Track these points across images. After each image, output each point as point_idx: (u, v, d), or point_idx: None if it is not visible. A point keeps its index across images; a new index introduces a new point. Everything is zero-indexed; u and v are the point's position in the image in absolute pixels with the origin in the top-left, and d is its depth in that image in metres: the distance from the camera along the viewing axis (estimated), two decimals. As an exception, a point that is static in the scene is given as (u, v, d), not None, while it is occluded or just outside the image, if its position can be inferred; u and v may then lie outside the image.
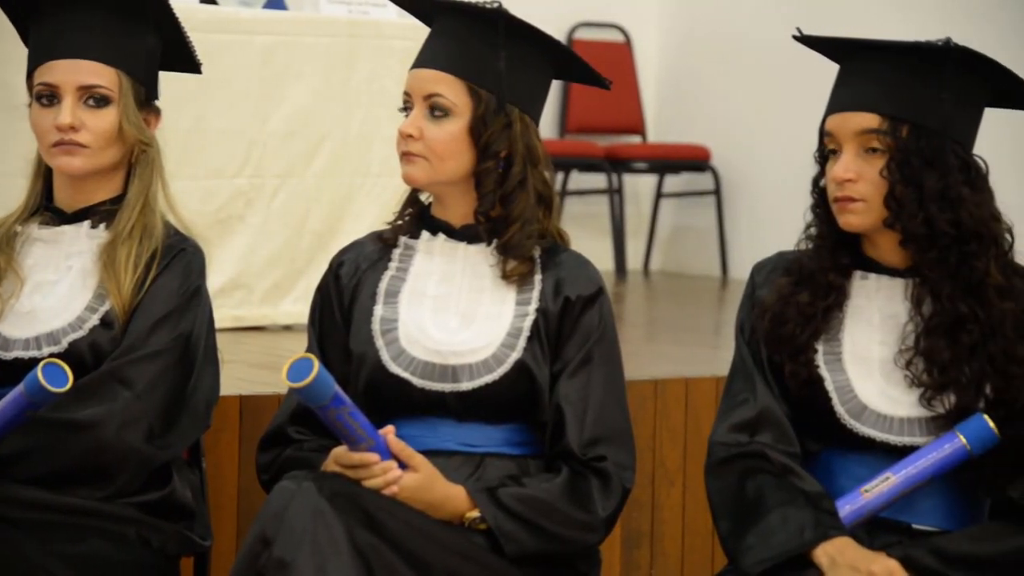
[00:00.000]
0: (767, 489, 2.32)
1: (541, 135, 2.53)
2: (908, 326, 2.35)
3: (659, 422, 3.23)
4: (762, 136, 6.33)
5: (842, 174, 2.32)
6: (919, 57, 2.32)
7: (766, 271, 2.48)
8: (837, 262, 2.39)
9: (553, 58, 2.52)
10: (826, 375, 2.38)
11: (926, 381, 2.32)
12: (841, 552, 2.24)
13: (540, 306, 2.48)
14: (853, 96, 2.35)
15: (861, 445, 2.36)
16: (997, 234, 2.32)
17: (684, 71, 6.72)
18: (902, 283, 2.37)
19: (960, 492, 2.34)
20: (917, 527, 2.34)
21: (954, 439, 2.30)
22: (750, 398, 2.41)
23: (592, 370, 2.47)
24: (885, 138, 2.31)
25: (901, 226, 2.31)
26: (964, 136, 2.33)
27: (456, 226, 2.52)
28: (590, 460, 2.43)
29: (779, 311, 2.40)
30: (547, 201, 2.52)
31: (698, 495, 2.54)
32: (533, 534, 2.37)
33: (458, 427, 2.46)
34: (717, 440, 2.42)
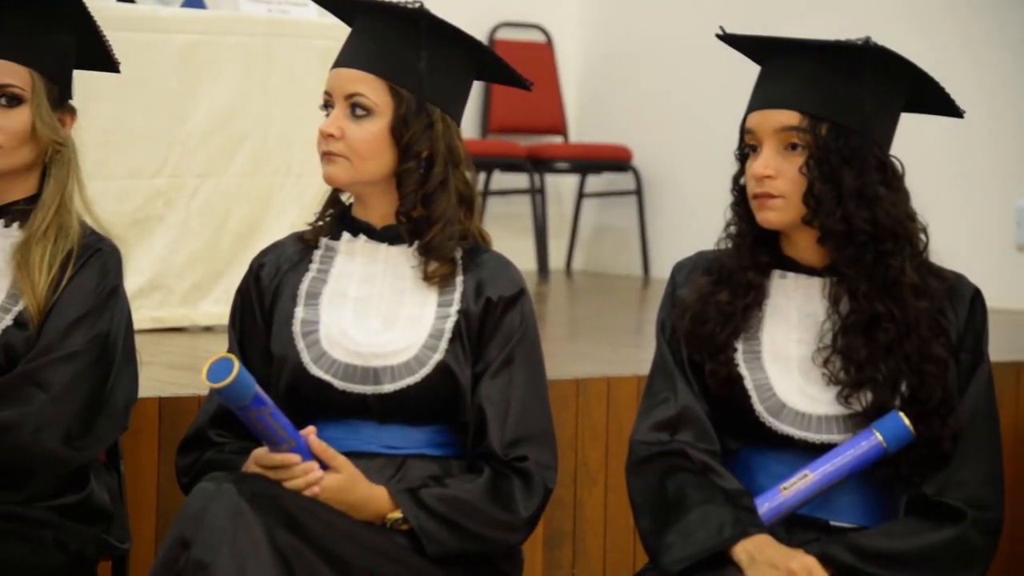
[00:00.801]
0: (687, 487, 2.34)
1: (463, 135, 2.53)
2: (826, 324, 2.37)
3: (581, 421, 3.23)
4: (683, 136, 6.37)
5: (761, 170, 2.34)
6: (839, 56, 2.34)
7: (686, 270, 2.49)
8: (756, 260, 2.41)
9: (474, 58, 2.52)
10: (745, 373, 2.40)
11: (843, 379, 2.35)
12: (760, 549, 2.26)
13: (462, 307, 2.48)
14: (774, 94, 2.37)
15: (780, 443, 2.38)
16: (912, 233, 2.35)
17: (605, 71, 6.74)
18: (820, 282, 2.39)
19: (876, 489, 2.37)
20: (834, 524, 2.36)
21: (870, 436, 2.32)
22: (671, 397, 2.42)
23: (514, 371, 2.47)
24: (805, 135, 2.33)
25: (819, 223, 2.33)
26: (882, 136, 2.36)
27: (377, 227, 2.52)
28: (512, 460, 2.44)
29: (699, 310, 2.41)
30: (468, 201, 2.52)
31: (620, 494, 2.55)
32: (455, 534, 2.37)
33: (380, 429, 2.45)
34: (638, 439, 2.43)
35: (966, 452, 2.34)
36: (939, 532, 2.30)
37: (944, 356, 2.34)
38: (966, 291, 2.40)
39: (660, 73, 6.48)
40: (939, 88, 2.38)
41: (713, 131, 4.24)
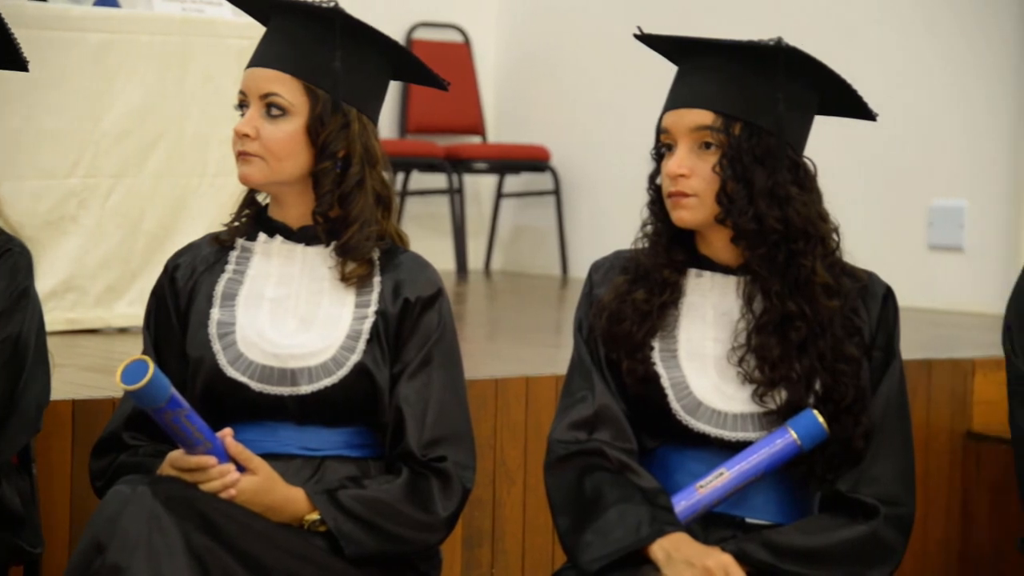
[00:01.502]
0: (605, 486, 2.34)
1: (381, 135, 2.53)
2: (740, 323, 2.39)
3: (500, 421, 3.24)
4: (601, 136, 6.39)
5: (675, 169, 2.36)
6: (752, 56, 2.36)
7: (603, 270, 2.50)
8: (672, 259, 2.42)
9: (391, 58, 2.51)
10: (662, 372, 2.41)
11: (757, 378, 2.37)
12: (677, 548, 2.27)
13: (379, 308, 2.47)
14: (689, 93, 2.38)
15: (696, 441, 2.39)
16: (824, 233, 2.37)
17: (523, 71, 6.75)
18: (735, 280, 2.41)
19: (791, 486, 2.39)
20: (750, 521, 2.38)
21: (785, 434, 2.34)
22: (588, 396, 2.43)
23: (432, 371, 2.46)
24: (718, 135, 2.35)
25: (732, 222, 2.35)
26: (795, 137, 2.38)
27: (294, 227, 2.50)
28: (430, 461, 2.43)
29: (616, 309, 2.42)
30: (386, 202, 2.51)
31: (539, 493, 2.56)
32: (373, 535, 2.37)
33: (298, 430, 2.44)
34: (556, 438, 2.43)
35: (879, 449, 2.36)
36: (853, 528, 2.33)
37: (857, 356, 2.36)
38: (878, 290, 2.43)
39: (578, 73, 6.50)
40: (852, 91, 2.40)
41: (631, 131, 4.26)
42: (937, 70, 5.29)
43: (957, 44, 5.24)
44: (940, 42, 5.28)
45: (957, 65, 5.24)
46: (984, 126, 5.17)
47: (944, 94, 5.27)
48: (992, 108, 5.15)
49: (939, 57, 5.28)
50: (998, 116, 5.13)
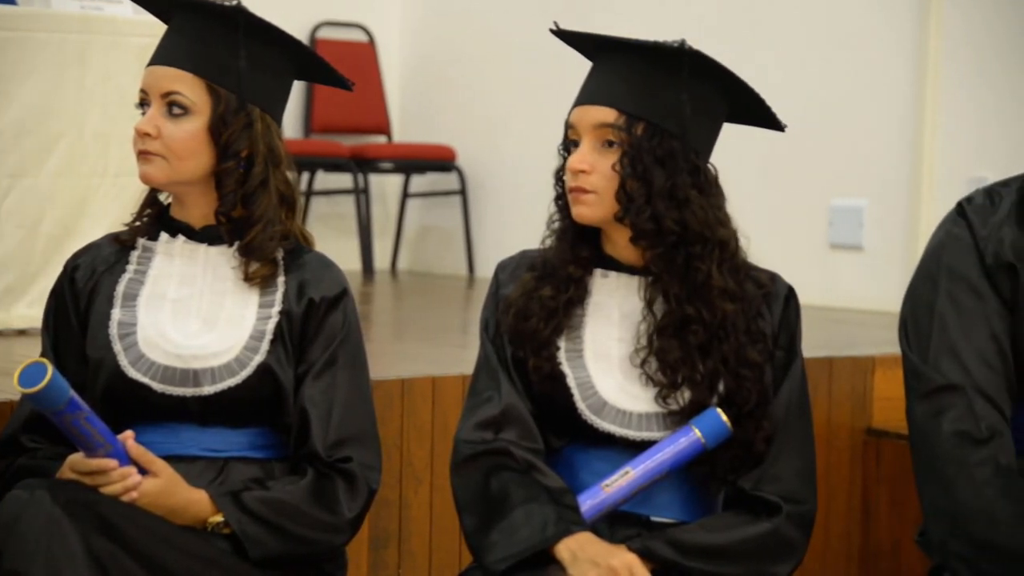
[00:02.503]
0: (511, 486, 2.35)
1: (285, 135, 2.52)
2: (642, 325, 2.41)
3: (406, 421, 3.23)
4: (507, 136, 6.40)
5: (577, 165, 2.37)
6: (658, 57, 2.38)
7: (510, 269, 2.51)
8: (577, 255, 2.43)
9: (294, 58, 2.50)
10: (568, 371, 2.42)
11: (660, 379, 2.38)
12: (582, 547, 2.28)
13: (283, 308, 2.46)
14: (596, 90, 2.39)
15: (602, 441, 2.40)
16: (722, 238, 2.39)
17: (429, 71, 6.75)
18: (638, 281, 2.43)
19: (695, 484, 2.41)
20: (655, 519, 2.39)
21: (689, 433, 2.36)
22: (495, 396, 2.43)
23: (337, 372, 2.46)
24: (620, 133, 2.36)
25: (630, 221, 2.36)
26: (700, 141, 2.39)
27: (196, 227, 2.48)
28: (335, 461, 2.43)
29: (522, 306, 2.43)
30: (290, 202, 2.50)
31: (446, 494, 2.55)
32: (277, 537, 2.35)
33: (201, 432, 2.42)
34: (462, 438, 2.43)
35: (781, 447, 2.39)
36: (755, 525, 2.35)
37: (760, 361, 2.38)
38: (781, 290, 2.45)
39: (483, 73, 6.51)
40: (759, 100, 2.42)
41: (536, 131, 4.27)
42: (837, 71, 5.36)
43: (857, 46, 5.32)
44: (840, 44, 5.36)
45: (856, 67, 5.32)
46: (883, 127, 5.25)
47: (844, 96, 5.34)
48: (890, 109, 5.23)
49: (839, 59, 5.35)
50: (896, 117, 5.21)
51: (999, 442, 2.25)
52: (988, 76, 5.02)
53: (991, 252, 2.32)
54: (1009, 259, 2.32)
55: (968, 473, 2.23)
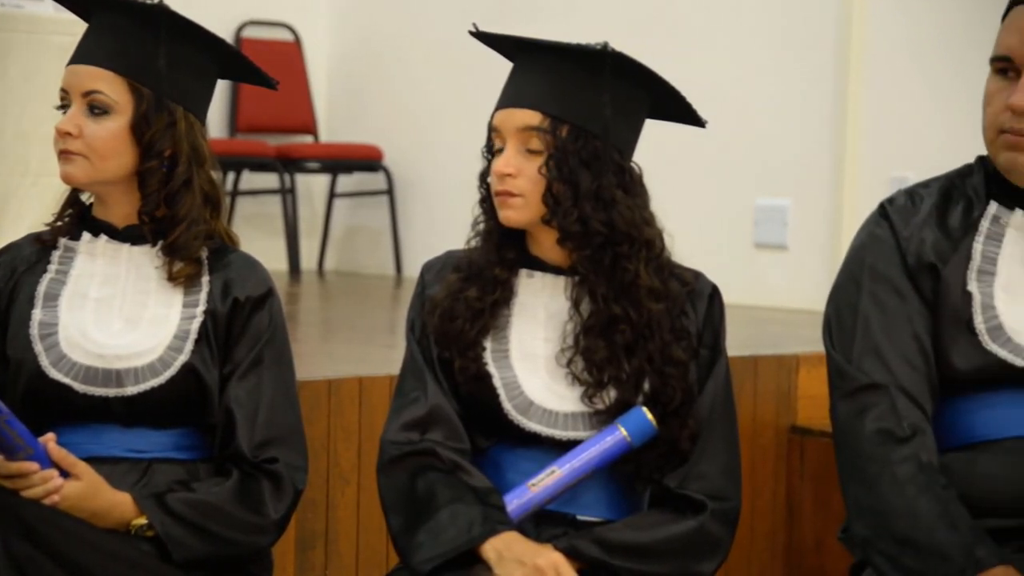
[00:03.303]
0: (437, 486, 2.35)
1: (211, 134, 2.50)
2: (569, 325, 2.41)
3: (333, 421, 3.22)
4: (434, 136, 6.39)
5: (503, 169, 2.38)
6: (581, 60, 2.38)
7: (435, 270, 2.51)
8: (503, 257, 2.43)
9: (218, 57, 2.48)
10: (494, 371, 2.42)
11: (586, 379, 2.39)
12: (508, 546, 2.28)
13: (208, 308, 2.44)
14: (518, 93, 2.40)
15: (528, 440, 2.41)
16: (648, 238, 2.40)
17: (355, 71, 6.73)
18: (564, 281, 2.43)
19: (621, 483, 2.42)
20: (581, 518, 2.40)
21: (615, 432, 2.37)
22: (421, 396, 2.43)
23: (262, 372, 2.44)
24: (545, 136, 2.37)
25: (557, 223, 2.37)
26: (622, 141, 2.41)
27: (119, 227, 2.46)
28: (261, 462, 2.41)
29: (448, 307, 2.43)
30: (214, 201, 2.48)
31: (373, 494, 2.55)
32: (202, 538, 2.34)
33: (124, 433, 2.40)
34: (388, 439, 2.43)
35: (706, 446, 2.40)
36: (681, 523, 2.36)
37: (685, 359, 2.40)
38: (705, 289, 2.47)
39: (410, 72, 6.50)
40: (680, 98, 2.44)
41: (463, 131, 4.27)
42: (760, 71, 5.40)
43: (780, 46, 5.36)
44: (764, 44, 5.40)
45: (780, 67, 5.36)
46: (806, 127, 5.30)
47: (767, 96, 5.38)
48: (814, 109, 5.27)
49: (762, 59, 5.39)
50: (820, 117, 5.26)
51: (921, 440, 2.28)
52: (910, 77, 5.08)
53: (913, 252, 2.35)
54: (930, 259, 2.34)
55: (890, 471, 2.26)
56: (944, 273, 2.34)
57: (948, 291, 2.33)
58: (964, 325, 2.31)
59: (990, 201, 2.37)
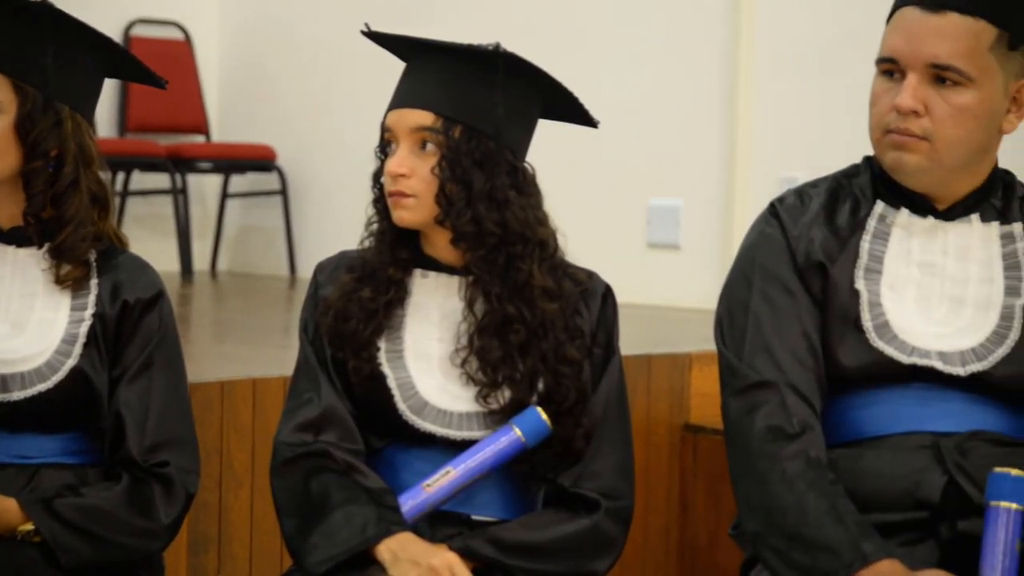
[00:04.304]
0: (331, 488, 2.34)
1: (100, 134, 2.47)
2: (463, 325, 2.42)
3: (226, 423, 3.19)
4: (327, 136, 6.37)
5: (396, 169, 2.37)
6: (473, 60, 2.39)
7: (329, 270, 2.50)
8: (396, 257, 2.43)
9: (104, 55, 2.45)
10: (388, 372, 2.42)
11: (480, 379, 2.39)
12: (403, 547, 2.28)
13: (97, 311, 2.41)
14: (411, 93, 2.40)
15: (423, 440, 2.41)
16: (542, 238, 2.41)
17: (247, 70, 6.68)
18: (458, 281, 2.43)
19: (516, 482, 2.42)
20: (476, 518, 2.40)
21: (510, 432, 2.38)
22: (314, 397, 2.42)
23: (153, 375, 2.42)
24: (438, 136, 2.37)
25: (451, 224, 2.37)
26: (515, 142, 2.41)
27: (4, 229, 2.42)
28: (152, 466, 2.39)
29: (342, 307, 2.42)
30: (102, 202, 2.45)
31: (267, 496, 2.53)
32: (91, 544, 2.31)
33: (10, 438, 2.36)
34: (282, 440, 2.42)
35: (599, 444, 2.42)
36: (575, 522, 2.37)
37: (579, 358, 2.41)
38: (598, 288, 2.48)
39: (303, 72, 6.46)
40: (572, 98, 2.45)
41: (356, 130, 4.25)
42: (652, 72, 5.44)
43: (671, 48, 5.40)
44: (655, 45, 5.44)
45: (671, 68, 5.40)
46: (697, 128, 5.35)
47: (659, 96, 5.42)
48: (705, 111, 5.33)
49: (654, 60, 5.44)
50: (710, 119, 5.31)
51: (810, 436, 2.31)
52: (798, 79, 5.14)
53: (802, 251, 2.38)
54: (819, 258, 2.37)
55: (780, 467, 2.28)
56: (832, 271, 2.37)
57: (836, 289, 2.36)
58: (852, 323, 2.35)
59: (877, 200, 2.40)
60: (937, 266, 2.36)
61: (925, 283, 2.36)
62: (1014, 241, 2.38)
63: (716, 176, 5.29)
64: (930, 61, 2.29)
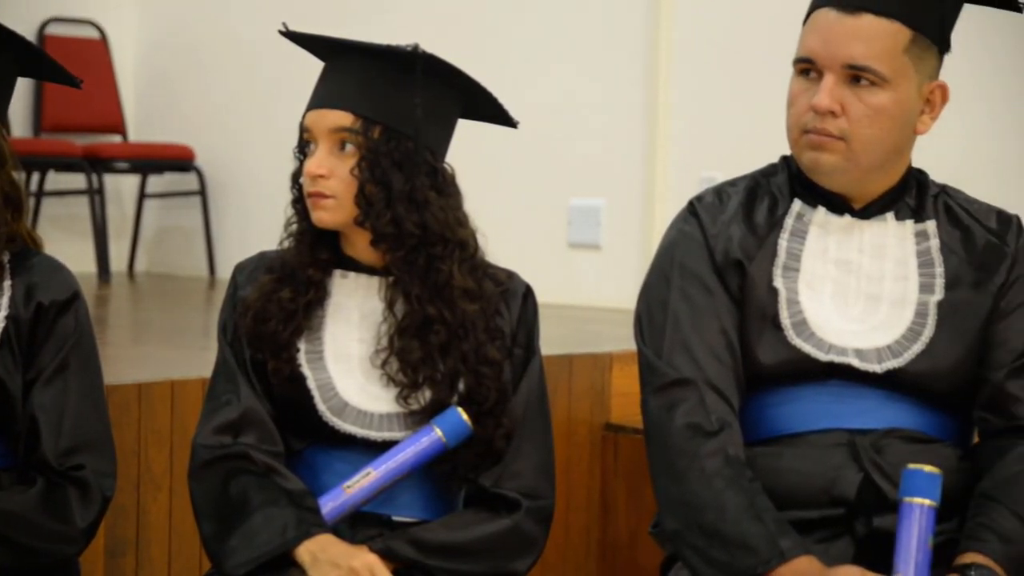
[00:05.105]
0: (250, 490, 2.32)
1: (13, 134, 2.43)
2: (383, 325, 2.41)
3: (144, 426, 3.16)
4: (246, 136, 6.32)
5: (314, 170, 2.36)
6: (392, 61, 2.38)
7: (248, 271, 2.48)
8: (316, 258, 2.42)
9: (18, 54, 2.42)
10: (308, 373, 2.41)
11: (401, 380, 2.39)
12: (323, 549, 2.27)
13: (10, 313, 2.38)
14: (330, 94, 2.39)
15: (343, 442, 2.40)
16: (462, 238, 2.41)
17: (164, 69, 6.62)
18: (378, 282, 2.43)
19: (437, 483, 2.42)
20: (397, 519, 2.40)
21: (430, 432, 2.37)
22: (233, 399, 2.41)
23: (68, 377, 2.39)
24: (357, 137, 2.36)
25: (370, 225, 2.37)
26: (435, 142, 2.41)
27: (-85, 230, 2.38)
28: (67, 470, 2.36)
29: (261, 308, 2.41)
30: (16, 203, 2.42)
31: (185, 499, 2.51)
32: (5, 549, 2.28)
33: (-77, 443, 2.33)
34: (200, 442, 2.40)
35: (520, 444, 2.42)
36: (495, 522, 2.38)
37: (499, 359, 2.41)
38: (518, 288, 2.48)
39: (221, 72, 6.42)
40: (492, 98, 2.45)
41: (276, 131, 4.23)
42: (573, 73, 5.45)
43: (592, 48, 5.42)
44: (576, 46, 5.45)
45: (592, 68, 5.42)
46: (618, 128, 5.37)
47: (580, 97, 5.44)
48: (625, 112, 5.35)
49: (575, 60, 5.45)
50: (631, 119, 5.33)
51: (728, 434, 2.32)
52: (718, 79, 5.18)
53: (720, 249, 2.39)
54: (737, 256, 2.39)
55: (699, 465, 2.30)
56: (750, 269, 2.38)
57: (754, 287, 2.38)
58: (770, 320, 2.36)
59: (794, 199, 2.42)
60: (853, 264, 2.39)
61: (842, 281, 2.38)
62: (928, 239, 2.41)
63: (636, 176, 5.31)
64: (846, 62, 2.31)
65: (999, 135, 4.44)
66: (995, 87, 4.35)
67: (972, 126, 4.33)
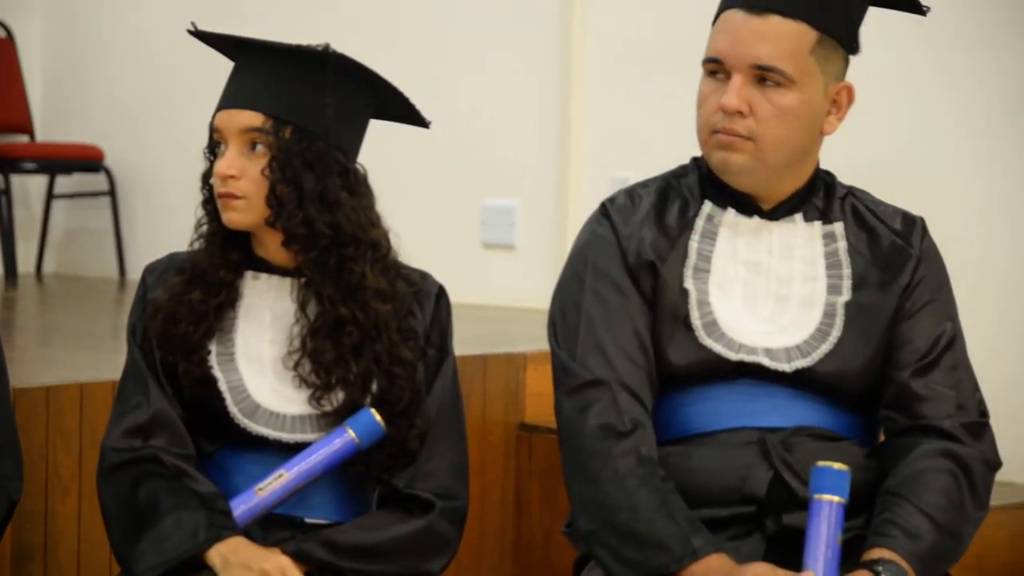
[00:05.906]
0: (160, 494, 2.31)
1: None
2: (295, 327, 2.40)
3: (52, 429, 3.12)
4: (156, 136, 6.26)
5: (225, 170, 2.35)
6: (302, 60, 2.37)
7: (158, 272, 2.47)
8: (227, 259, 2.41)
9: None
10: (219, 375, 2.39)
11: (314, 381, 2.38)
12: (235, 552, 2.26)
13: (-87, 315, 2.34)
14: (240, 94, 2.38)
15: (255, 444, 2.39)
16: (374, 239, 2.41)
17: (72, 69, 6.54)
18: (290, 283, 2.42)
19: (350, 484, 2.42)
20: (310, 521, 2.39)
21: (344, 434, 2.37)
22: (143, 402, 2.39)
23: (-26, 381, 2.36)
24: (268, 137, 2.35)
25: (282, 225, 2.36)
26: (346, 142, 2.40)
27: None
28: (-27, 474, 2.33)
29: (172, 310, 2.39)
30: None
31: (94, 503, 2.48)
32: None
33: None
34: (110, 446, 2.38)
35: (434, 445, 2.42)
36: (409, 523, 2.37)
37: (412, 359, 2.41)
38: (431, 289, 2.48)
39: (130, 71, 6.35)
40: (403, 98, 2.45)
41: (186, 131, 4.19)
42: (486, 73, 5.46)
43: (505, 47, 5.43)
44: (489, 45, 5.46)
45: (505, 68, 5.43)
46: (532, 128, 5.38)
47: (494, 97, 5.44)
48: (539, 112, 5.36)
49: (488, 60, 5.46)
50: (544, 120, 5.35)
51: (641, 434, 2.34)
52: (630, 80, 5.21)
53: (633, 251, 2.41)
54: (650, 258, 2.40)
55: (612, 465, 2.31)
56: (662, 271, 2.40)
57: (666, 288, 2.39)
58: (681, 321, 2.38)
59: (704, 200, 2.44)
60: (763, 265, 2.41)
61: (751, 281, 2.41)
62: (835, 240, 2.43)
63: (550, 176, 5.32)
64: (753, 62, 2.33)
65: (906, 136, 4.50)
66: (898, 87, 4.41)
67: (878, 127, 4.39)
